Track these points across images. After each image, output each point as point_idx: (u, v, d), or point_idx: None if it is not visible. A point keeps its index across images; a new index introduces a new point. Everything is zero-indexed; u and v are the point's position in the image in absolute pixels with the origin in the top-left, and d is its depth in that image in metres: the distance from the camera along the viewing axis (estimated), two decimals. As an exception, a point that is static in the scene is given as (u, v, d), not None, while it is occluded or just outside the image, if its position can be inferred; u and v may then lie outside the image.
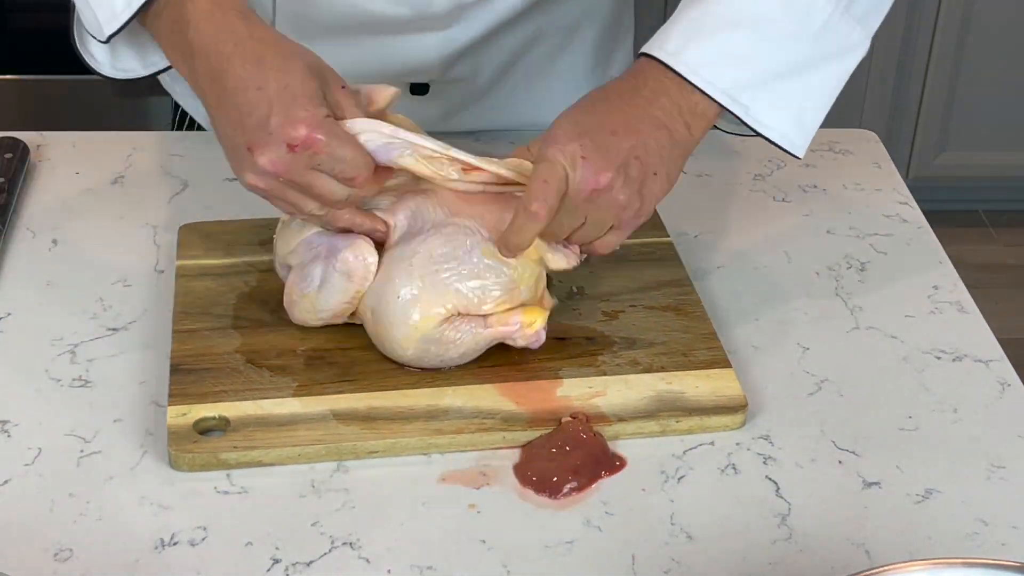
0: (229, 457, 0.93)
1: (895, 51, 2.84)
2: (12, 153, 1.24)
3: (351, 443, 0.94)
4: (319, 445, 0.93)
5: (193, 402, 0.96)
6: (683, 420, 0.97)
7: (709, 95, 0.99)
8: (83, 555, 0.86)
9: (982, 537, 0.90)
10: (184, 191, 1.24)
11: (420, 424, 0.95)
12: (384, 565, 0.86)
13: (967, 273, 1.18)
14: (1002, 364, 1.06)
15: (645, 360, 1.02)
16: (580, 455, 0.93)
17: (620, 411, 0.97)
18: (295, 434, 0.94)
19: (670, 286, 1.10)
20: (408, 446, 0.94)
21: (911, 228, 1.23)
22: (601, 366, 1.01)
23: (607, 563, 0.87)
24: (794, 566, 0.87)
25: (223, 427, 0.95)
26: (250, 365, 1.00)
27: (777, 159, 1.32)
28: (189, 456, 0.92)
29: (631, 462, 0.94)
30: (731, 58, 0.99)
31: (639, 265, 1.12)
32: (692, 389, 0.99)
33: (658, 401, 0.98)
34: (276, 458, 0.93)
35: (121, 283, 1.11)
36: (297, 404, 0.96)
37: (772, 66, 1.01)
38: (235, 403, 0.96)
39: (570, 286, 1.09)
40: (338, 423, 0.95)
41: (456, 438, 0.95)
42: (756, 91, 1.00)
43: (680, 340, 1.04)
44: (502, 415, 0.96)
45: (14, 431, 0.96)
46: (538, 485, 0.92)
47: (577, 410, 0.97)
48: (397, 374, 0.99)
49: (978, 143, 2.95)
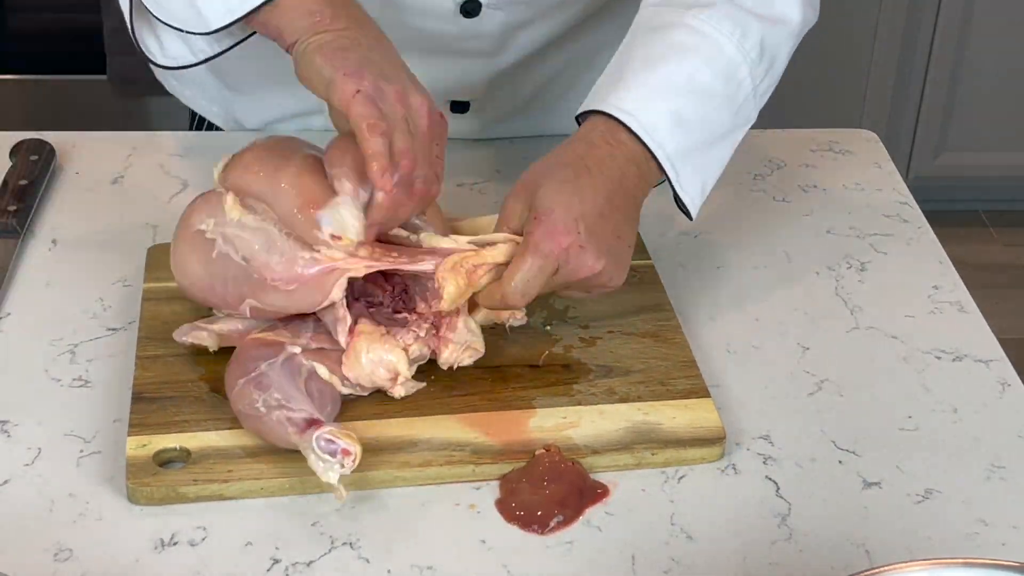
0: (188, 491, 0.90)
1: (895, 51, 2.84)
2: (38, 155, 1.24)
3: (314, 476, 0.88)
4: (282, 479, 0.90)
5: (153, 432, 0.93)
6: (659, 452, 0.95)
7: (657, 160, 1.03)
8: (83, 555, 0.86)
9: (982, 537, 0.90)
10: (184, 191, 1.24)
11: (387, 456, 0.92)
12: (384, 565, 0.86)
13: (967, 273, 1.18)
14: (1002, 364, 1.06)
15: (622, 389, 0.99)
16: (563, 487, 0.91)
17: (594, 443, 0.95)
18: (257, 467, 0.91)
19: (650, 311, 1.08)
20: (374, 480, 0.91)
21: (911, 228, 1.23)
22: (576, 395, 0.99)
23: (607, 563, 0.87)
24: (794, 566, 0.87)
25: (184, 458, 0.92)
26: (214, 394, 0.97)
27: (777, 159, 1.32)
28: (147, 490, 0.89)
29: (613, 489, 0.93)
30: (679, 125, 1.03)
31: (618, 289, 1.07)
32: (669, 420, 0.97)
33: (633, 432, 0.96)
34: (237, 492, 0.90)
35: (121, 283, 1.11)
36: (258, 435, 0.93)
37: (705, 136, 1.06)
38: (196, 433, 0.93)
39: (545, 314, 1.07)
40: (302, 455, 0.89)
41: (424, 471, 0.92)
42: (687, 158, 1.04)
43: (658, 368, 1.02)
44: (472, 447, 0.94)
45: (14, 431, 0.96)
46: (524, 521, 0.90)
47: (549, 443, 0.94)
48: (364, 404, 0.96)
49: (978, 143, 2.95)
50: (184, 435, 0.93)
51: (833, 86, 2.82)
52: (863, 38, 2.78)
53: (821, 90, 2.77)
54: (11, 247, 1.14)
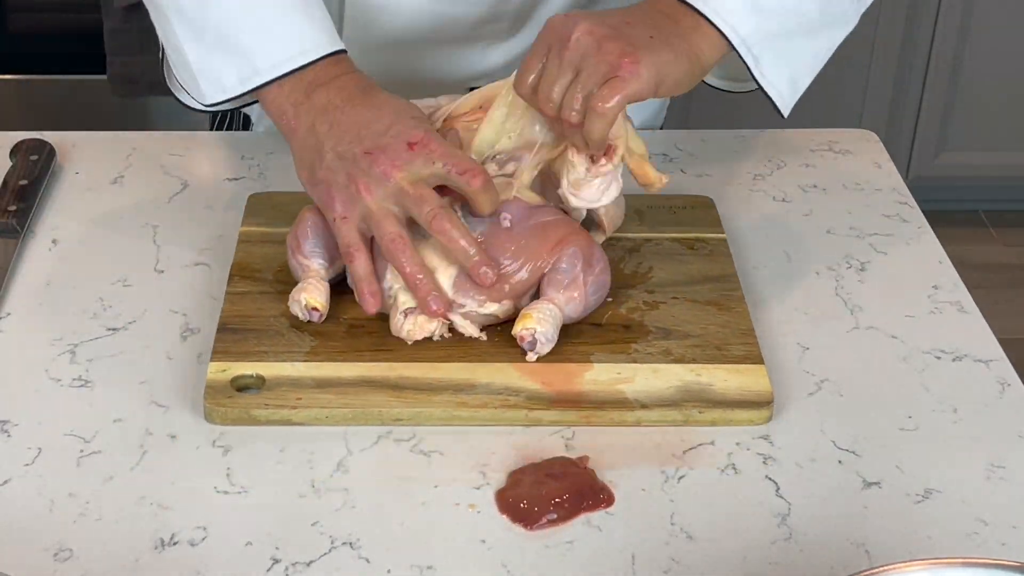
0: (260, 414, 0.96)
1: (895, 51, 2.84)
2: (38, 155, 1.24)
3: (377, 409, 0.96)
4: (346, 409, 0.96)
5: (233, 360, 1.00)
6: (706, 412, 0.97)
7: (730, 41, 1.00)
8: (83, 555, 0.86)
9: (982, 537, 0.90)
10: (184, 191, 1.24)
11: (446, 396, 0.97)
12: (384, 565, 0.86)
13: (967, 273, 1.18)
14: (1002, 364, 1.06)
15: (678, 351, 1.02)
16: (563, 487, 0.91)
17: (644, 398, 0.98)
18: (325, 396, 0.97)
19: (716, 281, 1.10)
20: (432, 416, 0.97)
21: (911, 228, 1.23)
22: (633, 354, 1.02)
23: (607, 563, 0.87)
24: (794, 566, 0.87)
25: (259, 385, 0.98)
26: (293, 329, 1.03)
27: (777, 159, 1.32)
28: (223, 410, 0.96)
29: (619, 496, 0.92)
30: (754, 8, 1.01)
31: (688, 259, 1.13)
32: (720, 382, 0.99)
33: (684, 391, 0.99)
34: (304, 418, 0.96)
35: (121, 283, 1.11)
36: (332, 369, 0.99)
37: (787, 24, 1.03)
38: (273, 363, 1.00)
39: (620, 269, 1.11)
40: (368, 390, 0.98)
41: (479, 412, 0.97)
42: (767, 44, 1.02)
43: (716, 334, 1.04)
44: (526, 393, 0.98)
45: (14, 431, 0.96)
46: (515, 513, 0.90)
47: (582, 455, 0.95)
48: (431, 347, 1.02)
49: (978, 143, 2.95)
50: (261, 364, 1.00)
51: (833, 86, 2.82)
52: (863, 38, 2.78)
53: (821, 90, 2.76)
54: (11, 247, 1.14)
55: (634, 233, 1.16)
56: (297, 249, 1.06)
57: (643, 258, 1.13)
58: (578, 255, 1.03)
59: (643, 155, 1.05)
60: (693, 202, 1.21)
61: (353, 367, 1.00)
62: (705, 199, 1.22)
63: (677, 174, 1.30)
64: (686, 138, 1.35)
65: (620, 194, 1.06)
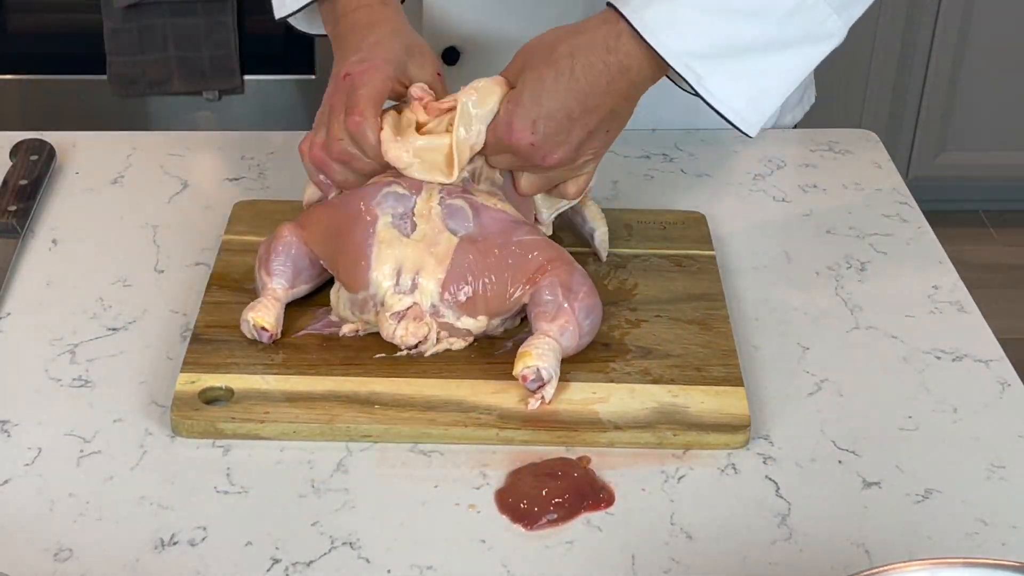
0: (226, 427, 0.95)
1: (895, 51, 2.84)
2: (38, 155, 1.24)
3: (346, 425, 0.95)
4: (314, 424, 0.95)
5: (203, 371, 0.99)
6: (680, 434, 0.95)
7: (665, 60, 1.00)
8: (83, 555, 0.86)
9: (982, 537, 0.90)
10: (184, 191, 1.24)
11: (415, 413, 0.96)
12: (384, 565, 0.86)
13: (967, 273, 1.18)
14: (1002, 364, 1.06)
15: (656, 371, 1.01)
16: (563, 487, 0.91)
17: (618, 419, 0.96)
18: (293, 411, 0.96)
19: (700, 300, 1.09)
20: (401, 434, 0.95)
21: (911, 228, 1.23)
22: (611, 373, 1.01)
23: (607, 563, 0.87)
24: (794, 566, 0.87)
25: (227, 398, 0.97)
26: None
27: (777, 159, 1.32)
28: (189, 423, 0.95)
29: (619, 496, 0.92)
30: (691, 25, 1.00)
31: (674, 276, 1.12)
32: (697, 404, 0.98)
33: (659, 412, 0.97)
34: (272, 433, 0.95)
35: (121, 283, 1.11)
36: (302, 383, 0.99)
37: (733, 41, 1.02)
38: (243, 376, 0.99)
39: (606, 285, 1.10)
40: (338, 405, 0.97)
41: (449, 430, 0.95)
42: (713, 62, 1.01)
43: (697, 354, 1.02)
44: (499, 412, 0.96)
45: (14, 431, 0.96)
46: (516, 513, 0.90)
47: (582, 455, 0.95)
48: (405, 363, 1.01)
49: (978, 143, 2.95)
50: (231, 376, 0.99)
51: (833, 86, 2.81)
52: (863, 38, 2.78)
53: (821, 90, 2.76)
54: (11, 247, 1.14)
55: (622, 248, 1.15)
56: (264, 263, 1.05)
57: (628, 274, 1.11)
58: (556, 284, 1.01)
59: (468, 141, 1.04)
60: (684, 218, 1.19)
61: (324, 381, 0.98)
62: (697, 215, 1.20)
63: (677, 174, 1.30)
64: (686, 138, 1.35)
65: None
